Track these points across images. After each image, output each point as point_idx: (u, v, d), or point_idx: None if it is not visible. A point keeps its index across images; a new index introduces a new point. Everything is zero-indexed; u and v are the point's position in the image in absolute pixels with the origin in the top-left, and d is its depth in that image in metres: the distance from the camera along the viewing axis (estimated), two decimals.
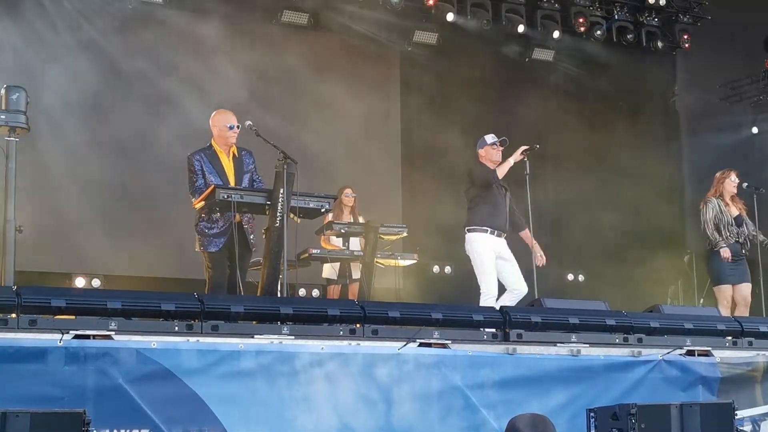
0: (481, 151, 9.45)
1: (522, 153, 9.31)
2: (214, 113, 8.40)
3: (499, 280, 9.14)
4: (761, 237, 10.58)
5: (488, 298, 9.01)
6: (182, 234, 10.82)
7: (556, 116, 15.47)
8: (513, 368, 6.98)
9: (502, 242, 9.26)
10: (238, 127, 8.23)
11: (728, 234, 10.40)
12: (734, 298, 10.39)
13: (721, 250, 10.28)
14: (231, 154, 8.29)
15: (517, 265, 9.15)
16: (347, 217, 11.16)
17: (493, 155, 9.37)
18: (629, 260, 14.70)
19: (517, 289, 9.10)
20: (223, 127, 8.23)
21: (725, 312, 10.06)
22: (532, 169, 9.45)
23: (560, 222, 14.54)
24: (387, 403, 6.51)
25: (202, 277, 8.25)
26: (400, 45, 14.66)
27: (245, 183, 8.26)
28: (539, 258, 9.46)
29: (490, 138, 9.43)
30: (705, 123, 15.85)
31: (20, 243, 7.63)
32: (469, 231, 9.32)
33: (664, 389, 7.33)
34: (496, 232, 9.22)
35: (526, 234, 9.61)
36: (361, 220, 11.24)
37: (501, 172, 9.21)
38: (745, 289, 10.38)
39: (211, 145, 8.30)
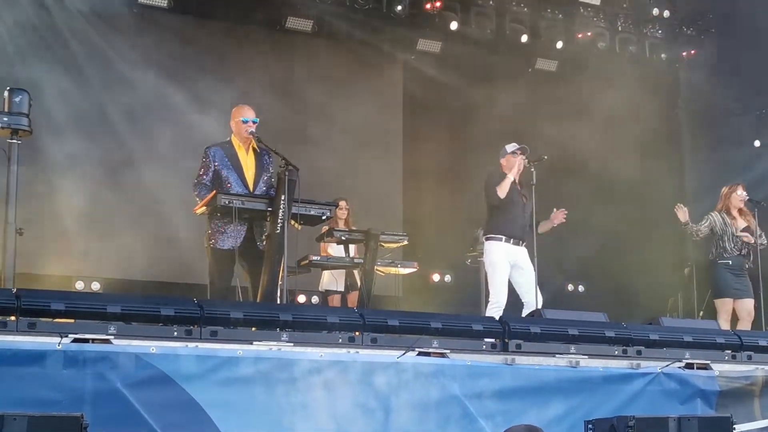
0: (503, 161, 9.50)
1: (530, 162, 9.32)
2: (234, 108, 8.44)
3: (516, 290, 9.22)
4: (762, 240, 10.53)
5: (495, 308, 9.02)
6: (183, 239, 10.86)
7: (558, 126, 15.46)
8: (511, 379, 6.97)
9: (519, 251, 9.28)
10: (254, 122, 8.24)
11: (732, 246, 10.40)
12: (737, 312, 10.38)
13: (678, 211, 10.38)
14: (251, 149, 8.29)
15: (533, 276, 9.12)
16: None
17: (515, 163, 9.37)
18: (630, 272, 14.68)
19: (527, 301, 9.11)
20: (239, 121, 8.27)
21: (725, 325, 10.04)
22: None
23: (561, 232, 14.49)
24: (385, 411, 6.50)
25: (202, 281, 8.22)
26: (404, 53, 14.67)
27: (264, 180, 8.27)
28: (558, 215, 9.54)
29: (510, 147, 9.46)
30: (708, 135, 15.83)
31: (21, 245, 7.63)
32: (486, 239, 9.41)
33: (662, 402, 7.32)
34: (512, 240, 9.25)
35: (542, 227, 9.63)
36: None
37: (502, 192, 9.24)
38: (749, 303, 10.37)
39: (230, 140, 8.33)
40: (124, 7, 12.68)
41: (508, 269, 9.25)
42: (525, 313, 8.99)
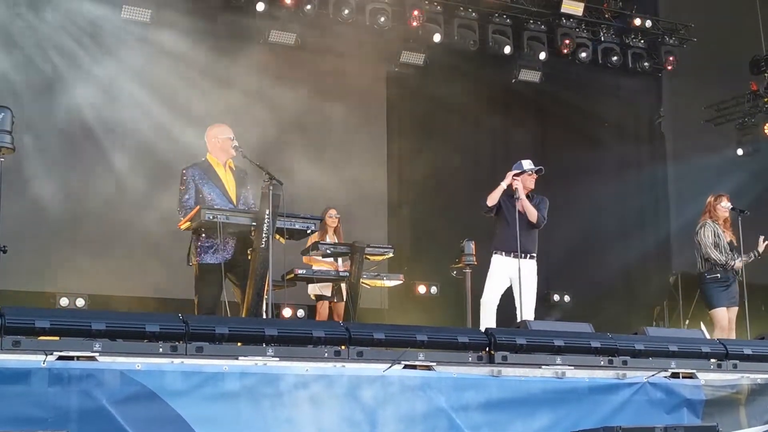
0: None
1: (514, 177, 9.41)
2: (211, 127, 8.38)
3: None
4: (746, 258, 10.51)
5: (481, 307, 9.46)
6: (168, 254, 10.80)
7: (542, 137, 15.51)
8: (498, 390, 6.96)
9: (522, 264, 9.36)
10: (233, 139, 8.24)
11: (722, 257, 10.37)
12: None
13: (735, 264, 10.28)
14: (227, 167, 8.27)
15: (528, 292, 9.33)
16: (331, 239, 11.16)
17: (528, 182, 9.49)
18: (615, 281, 14.72)
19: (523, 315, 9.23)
20: (226, 140, 8.21)
21: (722, 335, 9.99)
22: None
23: (546, 243, 14.53)
24: (371, 425, 6.49)
25: (188, 297, 8.19)
26: (387, 65, 14.70)
27: (244, 195, 8.25)
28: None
29: (527, 164, 9.57)
30: (690, 144, 15.92)
31: (4, 263, 7.60)
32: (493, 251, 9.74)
33: (648, 412, 7.32)
34: (512, 254, 9.40)
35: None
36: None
37: (491, 200, 9.47)
38: (734, 312, 10.38)
39: (206, 159, 8.29)
40: (107, 21, 12.67)
41: (506, 281, 9.59)
42: None
